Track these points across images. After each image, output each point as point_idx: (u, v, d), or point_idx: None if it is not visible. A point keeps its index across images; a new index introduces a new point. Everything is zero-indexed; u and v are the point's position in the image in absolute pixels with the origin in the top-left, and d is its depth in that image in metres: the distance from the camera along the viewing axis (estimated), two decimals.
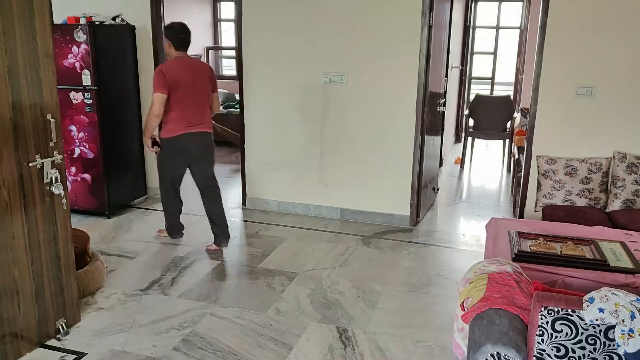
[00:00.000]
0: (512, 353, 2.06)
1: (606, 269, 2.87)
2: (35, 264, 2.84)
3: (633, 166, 4.09)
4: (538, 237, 3.17)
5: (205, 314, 3.31)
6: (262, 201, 5.22)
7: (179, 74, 3.87)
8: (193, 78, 3.94)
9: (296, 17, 4.72)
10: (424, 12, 4.39)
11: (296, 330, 3.14)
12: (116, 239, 4.47)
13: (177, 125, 3.94)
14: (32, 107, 2.72)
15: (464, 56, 8.44)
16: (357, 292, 3.62)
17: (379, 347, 2.99)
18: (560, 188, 4.26)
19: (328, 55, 4.69)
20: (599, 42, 4.14)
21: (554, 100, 4.33)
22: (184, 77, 3.88)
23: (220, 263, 4.05)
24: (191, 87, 3.93)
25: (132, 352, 2.92)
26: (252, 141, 5.10)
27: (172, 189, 4.24)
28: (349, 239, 4.53)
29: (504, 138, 7.06)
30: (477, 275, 2.58)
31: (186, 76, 3.90)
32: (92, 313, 3.31)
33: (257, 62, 4.90)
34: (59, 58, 4.51)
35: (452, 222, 5.15)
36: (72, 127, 4.71)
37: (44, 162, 2.79)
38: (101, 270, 3.62)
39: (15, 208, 2.69)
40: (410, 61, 4.50)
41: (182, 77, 3.87)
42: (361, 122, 4.74)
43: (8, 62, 2.57)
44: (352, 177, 4.89)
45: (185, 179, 4.25)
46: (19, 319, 2.80)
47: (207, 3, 9.76)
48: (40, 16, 2.71)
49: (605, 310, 1.98)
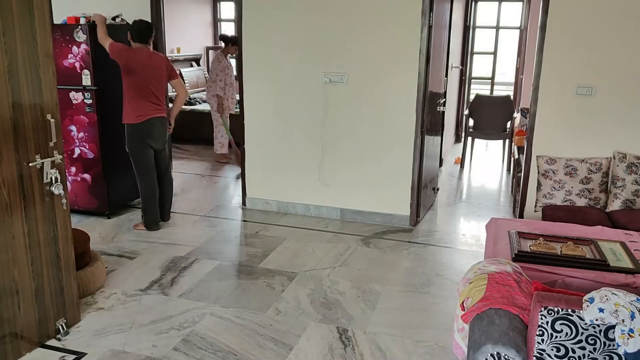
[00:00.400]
0: (512, 353, 2.07)
1: (606, 269, 2.87)
2: (35, 264, 2.84)
3: (633, 166, 4.09)
4: (538, 237, 3.18)
5: (205, 314, 3.31)
6: (262, 201, 5.22)
7: (135, 58, 4.31)
8: (147, 65, 4.36)
9: (296, 17, 4.72)
10: (424, 12, 4.39)
11: (296, 330, 3.14)
12: (116, 239, 4.47)
13: (143, 109, 4.36)
14: (32, 107, 2.72)
15: (464, 56, 8.44)
16: (357, 292, 3.62)
17: (379, 347, 2.99)
18: (560, 188, 4.26)
19: (328, 55, 4.69)
20: (599, 42, 4.14)
21: (554, 100, 4.33)
22: (137, 62, 4.31)
23: (220, 263, 4.05)
24: (145, 73, 4.35)
25: (132, 352, 2.92)
26: (252, 141, 5.10)
27: (151, 172, 4.53)
28: (349, 239, 4.53)
29: (504, 138, 7.06)
30: (477, 275, 2.58)
31: (140, 62, 4.33)
32: (92, 313, 3.31)
33: (257, 62, 4.90)
34: (59, 58, 4.51)
35: (452, 222, 5.15)
36: (72, 127, 4.71)
37: (44, 162, 2.79)
38: (101, 270, 3.62)
39: (15, 208, 2.69)
40: (410, 61, 4.50)
41: (135, 61, 4.31)
42: (361, 122, 4.74)
43: (8, 62, 2.57)
44: (352, 177, 4.89)
45: (185, 177, 4.25)
46: (19, 319, 2.80)
47: (207, 3, 9.77)
48: (40, 16, 2.71)
49: (605, 310, 1.98)
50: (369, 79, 4.64)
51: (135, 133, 4.39)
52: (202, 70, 9.26)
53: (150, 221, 4.59)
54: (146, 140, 4.43)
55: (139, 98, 4.34)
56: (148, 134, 4.42)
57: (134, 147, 4.43)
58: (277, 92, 4.92)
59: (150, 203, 4.56)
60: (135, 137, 4.40)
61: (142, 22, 4.44)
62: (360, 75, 4.66)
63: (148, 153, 4.48)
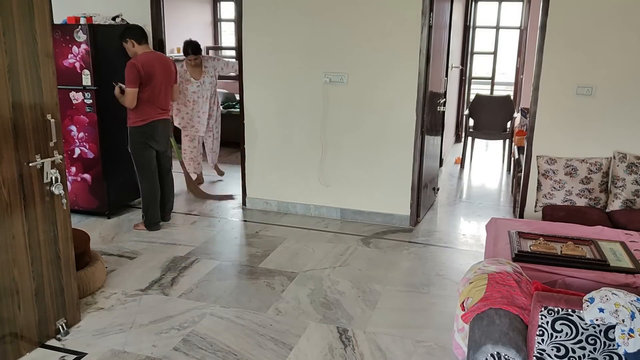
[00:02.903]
0: (512, 353, 2.06)
1: (606, 269, 2.87)
2: (36, 264, 2.84)
3: (633, 166, 4.09)
4: (538, 237, 3.17)
5: (205, 314, 3.31)
6: (262, 201, 5.22)
7: (151, 67, 4.30)
8: (161, 71, 4.40)
9: (296, 17, 4.71)
10: (424, 12, 4.39)
11: (296, 330, 3.14)
12: (116, 239, 4.47)
13: (149, 114, 4.37)
14: (32, 107, 2.72)
15: (464, 56, 8.44)
16: (357, 292, 3.62)
17: (379, 347, 2.99)
18: (560, 188, 4.26)
19: (328, 55, 4.69)
20: (599, 42, 4.14)
21: (554, 100, 4.33)
22: (154, 70, 4.32)
23: (220, 263, 4.05)
24: (160, 79, 4.39)
25: (132, 352, 2.92)
26: (252, 141, 5.10)
27: (152, 173, 4.54)
28: (349, 239, 4.53)
29: (504, 138, 7.06)
30: (477, 275, 2.58)
31: (156, 69, 4.34)
32: (92, 313, 3.31)
33: (257, 62, 4.90)
34: (59, 58, 4.51)
35: (452, 222, 5.15)
36: (72, 127, 4.71)
37: (44, 162, 2.79)
38: (101, 270, 3.62)
39: (15, 208, 2.69)
40: (410, 61, 4.50)
41: (153, 69, 4.31)
42: (361, 122, 4.74)
43: (8, 62, 2.57)
44: (352, 177, 4.89)
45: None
46: (19, 319, 2.80)
47: (207, 3, 9.76)
48: (40, 16, 2.71)
49: (606, 310, 1.98)
50: (369, 79, 4.64)
51: (138, 135, 4.39)
52: None
53: (150, 221, 4.59)
54: (149, 141, 4.45)
55: (149, 104, 4.36)
56: (151, 136, 4.44)
57: (136, 149, 4.43)
58: (277, 92, 4.92)
59: (152, 203, 4.56)
60: (138, 138, 4.40)
61: (135, 25, 4.50)
62: (360, 75, 4.65)
63: (150, 154, 4.49)
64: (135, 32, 4.37)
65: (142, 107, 4.32)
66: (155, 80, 4.33)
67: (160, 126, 4.49)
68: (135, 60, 4.25)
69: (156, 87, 4.36)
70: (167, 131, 4.62)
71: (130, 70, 4.18)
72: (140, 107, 4.31)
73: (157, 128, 4.46)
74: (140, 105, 4.29)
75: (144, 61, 4.26)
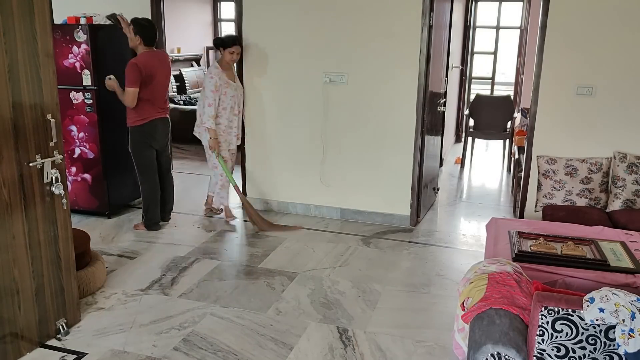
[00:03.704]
0: (513, 353, 2.07)
1: (606, 269, 2.87)
2: (36, 263, 2.84)
3: (633, 166, 4.09)
4: (538, 237, 3.18)
5: (205, 314, 3.31)
6: (262, 201, 5.21)
7: (152, 67, 4.31)
8: (161, 69, 4.43)
9: (296, 17, 4.71)
10: (424, 12, 4.39)
11: (296, 330, 3.14)
12: (116, 239, 4.47)
13: (150, 112, 4.39)
14: (33, 107, 2.72)
15: (464, 56, 8.44)
16: (357, 292, 3.62)
17: (379, 347, 2.99)
18: (560, 188, 4.26)
19: (328, 55, 4.69)
20: (599, 42, 4.14)
21: (554, 100, 4.33)
22: (155, 70, 4.34)
23: (220, 263, 4.05)
24: (160, 78, 4.41)
25: (133, 352, 2.92)
26: (252, 141, 5.10)
27: (153, 173, 4.55)
28: (349, 239, 4.53)
29: (504, 138, 7.06)
30: (478, 275, 2.58)
31: (157, 68, 4.37)
32: (92, 313, 3.31)
33: (257, 62, 4.90)
34: (59, 58, 4.51)
35: (452, 222, 5.15)
36: (72, 127, 4.71)
37: (44, 162, 2.79)
38: (101, 270, 3.62)
39: (16, 208, 2.69)
40: (410, 61, 4.50)
41: (154, 69, 4.33)
42: (361, 122, 4.74)
43: (8, 62, 2.57)
44: (352, 177, 4.89)
45: (184, 178, 4.25)
46: (19, 318, 2.80)
47: (207, 3, 9.77)
48: (40, 16, 2.71)
49: (606, 310, 1.98)
50: (370, 79, 4.64)
51: (138, 134, 4.40)
52: (202, 70, 9.27)
53: (150, 221, 4.59)
54: (148, 141, 4.45)
55: (149, 103, 4.36)
56: (150, 135, 4.45)
57: (136, 148, 4.44)
58: (277, 92, 4.92)
59: (152, 203, 4.56)
60: (138, 138, 4.40)
61: (149, 22, 4.41)
62: (360, 75, 4.66)
63: (150, 154, 4.50)
64: (149, 33, 4.32)
65: (143, 106, 4.32)
66: (155, 80, 4.34)
67: (160, 125, 4.50)
68: (137, 60, 4.24)
69: (157, 86, 4.37)
70: (167, 130, 4.63)
71: (132, 70, 4.17)
72: (140, 106, 4.31)
73: (157, 127, 4.47)
74: (140, 104, 4.29)
75: (145, 61, 4.26)
